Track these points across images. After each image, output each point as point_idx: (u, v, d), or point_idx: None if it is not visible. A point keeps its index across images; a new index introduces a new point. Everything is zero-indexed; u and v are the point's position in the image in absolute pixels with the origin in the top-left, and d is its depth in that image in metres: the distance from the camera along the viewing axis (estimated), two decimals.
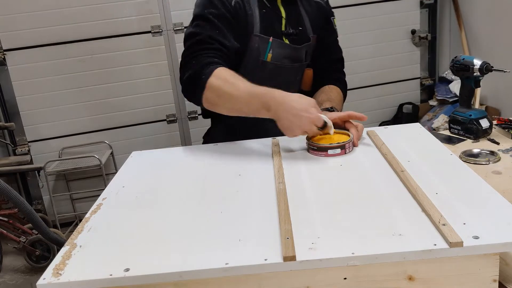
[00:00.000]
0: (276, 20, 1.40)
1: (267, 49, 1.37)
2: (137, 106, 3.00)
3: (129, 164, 1.20)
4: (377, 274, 0.72)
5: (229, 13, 1.32)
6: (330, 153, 1.12)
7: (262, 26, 1.36)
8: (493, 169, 1.15)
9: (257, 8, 1.37)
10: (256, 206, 0.89)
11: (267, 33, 1.37)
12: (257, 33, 1.36)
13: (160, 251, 0.76)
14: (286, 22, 1.41)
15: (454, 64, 1.36)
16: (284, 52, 1.40)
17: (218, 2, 1.32)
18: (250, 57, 1.37)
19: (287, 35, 1.41)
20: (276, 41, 1.38)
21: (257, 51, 1.37)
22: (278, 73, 1.41)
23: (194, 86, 1.22)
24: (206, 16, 1.31)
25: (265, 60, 1.38)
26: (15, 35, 2.73)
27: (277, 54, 1.38)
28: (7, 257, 2.77)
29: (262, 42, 1.36)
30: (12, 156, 2.89)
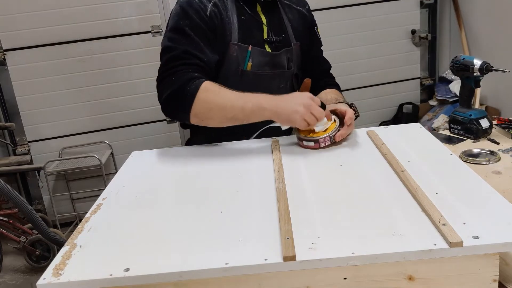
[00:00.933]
0: (256, 27, 1.35)
1: (246, 58, 1.32)
2: (137, 106, 3.00)
3: (129, 164, 1.20)
4: (377, 274, 0.72)
5: (204, 24, 1.27)
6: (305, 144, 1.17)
7: (240, 34, 1.31)
8: (493, 169, 1.15)
9: (235, 15, 1.32)
10: (256, 206, 0.89)
11: (246, 42, 1.32)
12: (235, 42, 1.30)
13: (160, 251, 0.76)
14: (268, 29, 1.37)
15: (454, 64, 1.36)
16: (265, 60, 1.35)
17: (192, 12, 1.27)
18: (228, 66, 1.32)
19: (270, 43, 1.36)
20: (256, 49, 1.33)
21: (236, 60, 1.32)
22: (259, 82, 1.36)
23: (178, 103, 1.20)
24: (181, 28, 1.26)
25: (245, 69, 1.32)
26: (15, 35, 2.74)
27: (257, 63, 1.34)
28: (7, 257, 2.77)
29: (241, 51, 1.31)
30: (12, 156, 2.89)
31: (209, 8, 1.29)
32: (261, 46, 1.35)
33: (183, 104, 1.18)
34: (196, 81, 1.19)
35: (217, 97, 1.16)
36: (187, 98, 1.17)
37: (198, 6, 1.28)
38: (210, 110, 1.17)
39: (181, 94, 1.18)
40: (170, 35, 1.28)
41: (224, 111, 1.16)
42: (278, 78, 1.41)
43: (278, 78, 1.41)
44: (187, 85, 1.18)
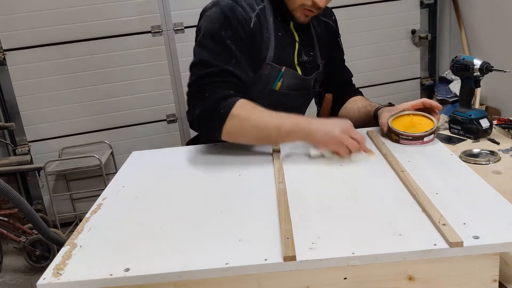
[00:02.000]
0: (290, 46, 1.31)
1: (277, 78, 1.28)
2: (137, 106, 3.00)
3: (129, 164, 1.20)
4: (377, 274, 0.72)
5: (247, 37, 1.19)
6: (426, 140, 1.16)
7: (275, 53, 1.26)
8: (493, 169, 1.15)
9: (273, 31, 1.25)
10: (256, 206, 0.89)
11: (279, 62, 1.27)
12: (269, 62, 1.26)
13: (160, 251, 0.76)
14: (299, 48, 1.32)
15: (454, 64, 1.36)
16: (295, 82, 1.32)
17: (236, 22, 1.18)
18: (257, 82, 1.27)
19: (300, 64, 1.33)
20: (289, 71, 1.29)
21: (266, 78, 1.27)
22: (284, 100, 1.33)
23: (211, 121, 1.14)
24: (221, 39, 1.17)
25: (273, 88, 1.29)
26: (15, 35, 2.73)
27: (287, 84, 1.30)
28: (7, 257, 2.77)
29: (273, 71, 1.27)
30: (12, 156, 2.89)
31: (253, 20, 1.21)
32: (292, 67, 1.31)
33: (216, 122, 1.13)
34: (230, 99, 1.13)
35: (251, 115, 1.12)
36: (220, 115, 1.12)
37: (241, 16, 1.19)
38: (243, 128, 1.12)
39: (214, 112, 1.13)
40: (209, 45, 1.18)
41: (257, 130, 1.12)
42: (302, 98, 1.41)
43: (302, 97, 1.41)
44: (221, 103, 1.13)
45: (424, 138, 1.16)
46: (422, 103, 1.22)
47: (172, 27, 2.90)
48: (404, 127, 1.19)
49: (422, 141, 1.16)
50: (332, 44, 1.45)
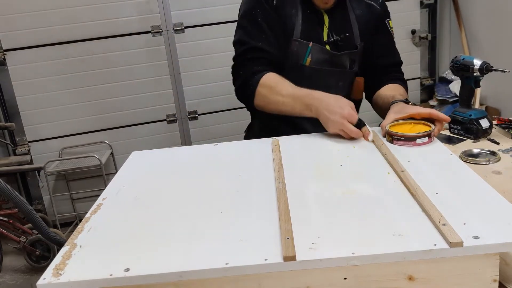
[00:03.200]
0: (318, 24, 1.38)
1: (306, 54, 1.36)
2: (137, 106, 3.00)
3: (129, 164, 1.20)
4: (377, 274, 0.72)
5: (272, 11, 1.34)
6: (418, 142, 1.14)
7: (302, 30, 1.35)
8: (493, 169, 1.15)
9: (300, 8, 1.36)
10: (256, 206, 0.89)
11: (307, 38, 1.35)
12: (296, 38, 1.35)
13: (160, 251, 0.76)
14: (329, 29, 1.38)
15: (454, 64, 1.36)
16: (324, 57, 1.38)
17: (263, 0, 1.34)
18: (288, 60, 1.38)
19: (330, 43, 1.39)
20: (316, 46, 1.36)
21: (296, 55, 1.37)
22: (317, 77, 1.39)
23: (245, 94, 1.36)
24: (254, 18, 1.35)
25: (304, 64, 1.37)
26: (15, 35, 2.73)
27: (316, 59, 1.37)
28: (7, 257, 2.77)
29: (301, 47, 1.36)
30: (12, 156, 2.89)
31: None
32: (320, 43, 1.38)
33: (248, 95, 1.35)
34: (259, 74, 1.33)
35: (271, 92, 1.30)
36: (250, 90, 1.34)
37: None
38: (267, 103, 1.33)
39: (247, 86, 1.35)
40: (243, 24, 1.39)
41: (277, 106, 1.30)
42: (337, 75, 1.43)
43: (338, 75, 1.43)
44: (250, 79, 1.34)
45: (417, 139, 1.14)
46: (429, 114, 1.21)
47: (172, 27, 2.90)
48: (404, 131, 1.18)
49: (414, 143, 1.14)
50: (378, 26, 1.46)
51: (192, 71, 3.00)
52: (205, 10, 2.92)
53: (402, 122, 1.22)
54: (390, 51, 1.53)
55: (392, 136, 1.17)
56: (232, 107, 3.06)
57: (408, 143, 1.14)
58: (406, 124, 1.22)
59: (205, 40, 2.96)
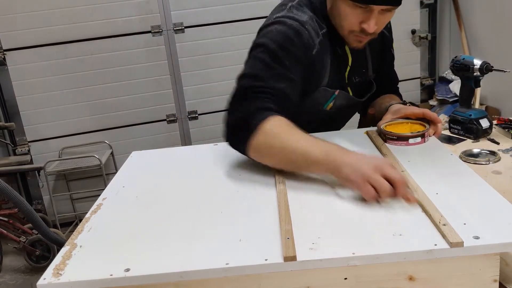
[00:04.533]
0: (343, 68, 1.27)
1: (329, 100, 1.25)
2: (137, 106, 3.00)
3: (129, 164, 1.20)
4: (377, 274, 0.72)
5: (307, 61, 1.12)
6: (411, 142, 1.13)
7: (330, 77, 1.22)
8: (493, 169, 1.15)
9: (329, 55, 1.20)
10: (257, 206, 0.89)
11: (333, 85, 1.23)
12: (324, 86, 1.22)
13: (160, 251, 0.76)
14: (351, 69, 1.29)
15: (454, 64, 1.36)
16: (347, 103, 1.30)
17: (300, 46, 1.10)
18: (309, 103, 1.24)
19: (351, 85, 1.31)
20: (342, 93, 1.26)
21: (318, 100, 1.24)
22: (333, 118, 1.34)
23: (240, 131, 1.02)
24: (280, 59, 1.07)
25: (325, 109, 1.26)
26: (15, 35, 2.74)
27: (339, 105, 1.28)
28: (7, 257, 2.77)
29: (326, 94, 1.24)
30: (12, 156, 2.89)
31: (316, 47, 1.14)
32: (344, 89, 1.28)
33: (245, 133, 1.00)
34: (267, 112, 1.01)
35: (282, 134, 0.98)
36: (250, 126, 1.00)
37: (307, 41, 1.11)
38: (270, 147, 0.99)
39: (246, 122, 1.01)
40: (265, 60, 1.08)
41: (284, 152, 0.97)
42: (352, 113, 1.43)
43: (352, 113, 1.43)
44: (256, 113, 1.00)
45: (409, 139, 1.13)
46: (423, 113, 1.20)
47: (172, 27, 2.91)
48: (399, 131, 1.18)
49: (407, 142, 1.13)
50: (385, 52, 1.42)
51: (192, 71, 3.00)
52: (205, 10, 2.92)
53: (398, 122, 1.22)
54: (392, 74, 1.52)
55: (385, 136, 1.17)
56: None
57: (401, 143, 1.14)
58: (403, 124, 1.22)
59: (205, 40, 2.96)
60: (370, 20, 1.09)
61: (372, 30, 1.12)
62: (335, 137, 1.26)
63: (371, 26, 1.10)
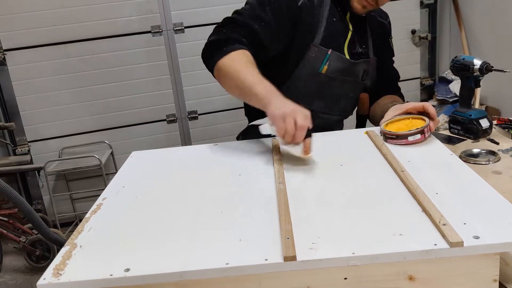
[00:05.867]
0: (341, 33, 1.36)
1: (323, 61, 1.32)
2: (137, 106, 3.00)
3: (129, 164, 1.20)
4: (377, 274, 0.72)
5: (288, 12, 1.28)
6: (410, 139, 1.13)
7: (324, 36, 1.31)
8: (493, 169, 1.15)
9: (326, 15, 1.32)
10: (256, 206, 0.89)
11: (327, 45, 1.32)
12: (316, 44, 1.31)
13: (160, 251, 0.76)
14: (352, 37, 1.37)
15: (454, 64, 1.36)
16: (342, 66, 1.35)
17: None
18: (304, 66, 1.33)
19: (351, 53, 1.37)
20: (335, 54, 1.33)
21: (313, 61, 1.33)
22: (331, 85, 1.37)
23: (213, 50, 1.24)
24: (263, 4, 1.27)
25: (320, 71, 1.33)
26: (15, 35, 2.73)
27: (333, 67, 1.34)
28: (7, 257, 2.77)
29: (320, 53, 1.32)
30: (12, 156, 2.89)
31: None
32: (340, 51, 1.35)
33: (216, 53, 1.21)
34: (238, 45, 1.21)
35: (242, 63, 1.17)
36: (222, 50, 1.20)
37: None
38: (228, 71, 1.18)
39: (220, 45, 1.23)
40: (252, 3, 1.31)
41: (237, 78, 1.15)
42: (349, 85, 1.42)
43: (350, 85, 1.42)
44: (230, 42, 1.22)
45: (408, 137, 1.13)
46: (423, 106, 1.22)
47: (172, 27, 2.90)
48: (400, 129, 1.18)
49: (406, 140, 1.13)
50: (384, 43, 1.49)
51: (192, 71, 3.00)
52: (205, 10, 2.92)
53: (399, 118, 1.23)
54: (390, 67, 1.55)
55: (385, 135, 1.17)
56: (232, 107, 3.06)
57: (401, 141, 1.14)
58: (404, 120, 1.22)
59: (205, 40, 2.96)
60: None
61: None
62: (335, 137, 1.26)
63: None
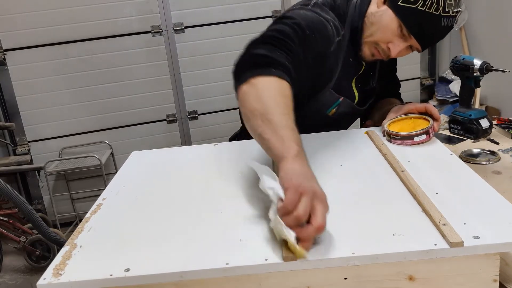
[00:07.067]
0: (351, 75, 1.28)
1: (333, 105, 1.26)
2: (137, 106, 3.01)
3: (129, 164, 1.20)
4: (377, 274, 0.72)
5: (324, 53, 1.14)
6: (416, 140, 1.13)
7: (337, 81, 1.23)
8: (493, 169, 1.15)
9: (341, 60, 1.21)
10: (256, 206, 0.89)
11: (338, 90, 1.24)
12: (330, 89, 1.23)
13: (160, 251, 0.76)
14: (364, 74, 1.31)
15: (454, 64, 1.36)
16: (350, 111, 1.31)
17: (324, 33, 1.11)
18: (312, 105, 1.25)
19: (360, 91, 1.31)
20: (346, 101, 1.27)
21: (323, 103, 1.26)
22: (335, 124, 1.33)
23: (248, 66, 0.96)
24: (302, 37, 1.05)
25: (327, 113, 1.28)
26: (15, 35, 2.74)
27: (341, 112, 1.29)
28: (7, 257, 2.77)
29: (331, 97, 1.25)
30: (12, 156, 2.89)
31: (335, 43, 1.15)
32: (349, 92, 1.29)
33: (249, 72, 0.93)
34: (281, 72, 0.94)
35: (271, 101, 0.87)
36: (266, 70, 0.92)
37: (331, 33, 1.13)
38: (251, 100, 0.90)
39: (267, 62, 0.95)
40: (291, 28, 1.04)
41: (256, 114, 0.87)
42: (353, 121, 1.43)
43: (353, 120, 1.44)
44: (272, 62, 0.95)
45: (414, 138, 1.13)
46: (425, 108, 1.21)
47: (172, 27, 2.91)
48: (402, 129, 1.18)
49: (412, 141, 1.13)
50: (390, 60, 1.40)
51: (192, 71, 3.01)
52: (205, 10, 2.93)
53: (401, 118, 1.23)
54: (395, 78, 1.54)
55: (390, 136, 1.17)
56: (232, 107, 3.06)
57: (406, 142, 1.14)
58: (406, 120, 1.22)
59: (205, 40, 2.97)
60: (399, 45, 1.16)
61: (393, 55, 1.18)
62: (335, 137, 1.26)
63: (394, 51, 1.16)
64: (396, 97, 1.50)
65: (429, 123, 1.17)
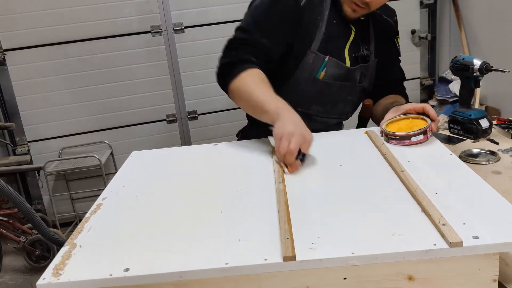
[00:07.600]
0: (343, 35, 1.34)
1: (321, 67, 1.31)
2: (137, 106, 3.00)
3: (129, 164, 1.20)
4: (377, 274, 0.72)
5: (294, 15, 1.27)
6: (413, 140, 1.13)
7: (322, 42, 1.30)
8: (493, 169, 1.15)
9: (326, 18, 1.30)
10: (256, 206, 0.89)
11: (325, 50, 1.31)
12: (314, 50, 1.30)
13: (160, 251, 0.76)
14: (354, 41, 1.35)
15: (454, 64, 1.36)
16: (339, 72, 1.34)
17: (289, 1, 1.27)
18: (301, 72, 1.33)
19: (350, 55, 1.35)
20: (332, 61, 1.32)
21: (310, 67, 1.32)
22: (328, 91, 1.36)
23: (226, 74, 1.26)
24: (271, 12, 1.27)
25: (317, 77, 1.33)
26: (15, 35, 2.73)
27: (330, 73, 1.33)
28: (7, 257, 2.77)
29: (317, 60, 1.31)
30: (12, 156, 2.89)
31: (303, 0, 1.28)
32: (340, 57, 1.34)
33: (229, 76, 1.24)
34: (248, 64, 1.23)
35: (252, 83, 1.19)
36: (233, 73, 1.23)
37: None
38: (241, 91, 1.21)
39: (232, 68, 1.24)
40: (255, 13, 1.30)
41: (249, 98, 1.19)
42: (347, 90, 1.41)
43: (348, 90, 1.42)
44: (240, 64, 1.24)
45: (412, 138, 1.13)
46: (423, 108, 1.22)
47: (172, 27, 2.91)
48: (400, 129, 1.18)
49: (409, 141, 1.13)
50: (388, 43, 1.47)
51: (192, 71, 3.00)
52: (205, 10, 2.92)
53: (399, 118, 1.23)
54: (396, 67, 1.54)
55: (388, 136, 1.17)
56: (232, 107, 3.06)
57: (403, 142, 1.14)
58: (404, 120, 1.22)
59: (205, 40, 2.96)
60: None
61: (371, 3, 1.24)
62: (335, 137, 1.26)
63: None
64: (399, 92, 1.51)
65: (426, 123, 1.17)
